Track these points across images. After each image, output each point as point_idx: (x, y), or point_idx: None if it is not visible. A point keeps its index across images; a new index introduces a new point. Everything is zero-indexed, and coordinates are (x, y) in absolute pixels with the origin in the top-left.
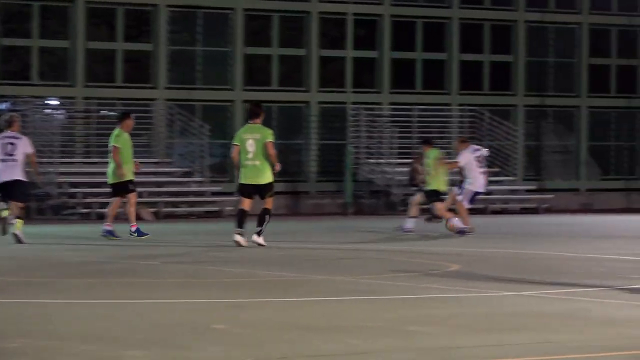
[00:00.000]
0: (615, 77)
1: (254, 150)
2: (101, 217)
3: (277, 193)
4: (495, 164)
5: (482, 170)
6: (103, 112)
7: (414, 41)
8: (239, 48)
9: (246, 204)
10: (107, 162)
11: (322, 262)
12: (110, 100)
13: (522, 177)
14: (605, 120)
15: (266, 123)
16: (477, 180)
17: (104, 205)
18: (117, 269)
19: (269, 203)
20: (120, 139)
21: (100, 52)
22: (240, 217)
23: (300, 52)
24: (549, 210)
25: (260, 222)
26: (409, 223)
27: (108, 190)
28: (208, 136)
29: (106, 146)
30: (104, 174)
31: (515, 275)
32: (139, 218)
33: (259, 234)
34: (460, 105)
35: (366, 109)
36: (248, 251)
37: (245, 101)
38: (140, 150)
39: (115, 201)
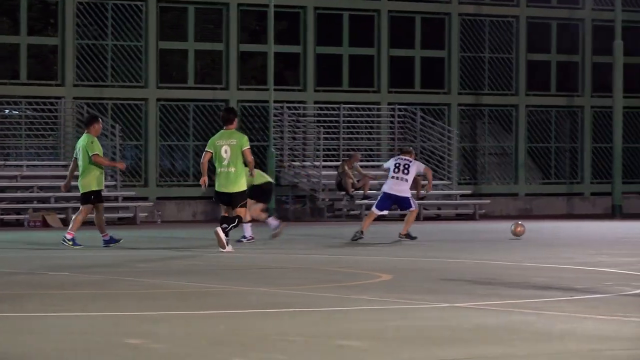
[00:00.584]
0: (555, 74)
1: (229, 157)
2: (7, 224)
3: (197, 198)
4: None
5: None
6: (6, 112)
7: (340, 35)
8: (152, 43)
9: (226, 212)
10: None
11: (244, 272)
12: (14, 99)
13: (457, 181)
14: (545, 120)
15: (181, 123)
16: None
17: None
18: (24, 280)
19: (240, 212)
20: (95, 145)
21: (2, 47)
22: (228, 219)
23: (219, 46)
24: (485, 216)
25: (229, 222)
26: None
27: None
28: (120, 137)
29: (9, 147)
30: (9, 178)
31: (450, 285)
32: (46, 225)
33: (224, 230)
34: (390, 104)
35: (290, 108)
36: (165, 261)
37: (159, 99)
38: (47, 152)
39: (85, 209)
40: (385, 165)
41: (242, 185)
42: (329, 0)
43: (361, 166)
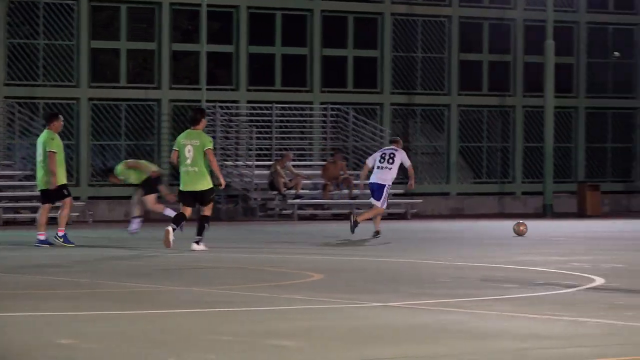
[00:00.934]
0: (487, 74)
1: (192, 157)
2: None
3: (128, 198)
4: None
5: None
6: None
7: (273, 35)
8: (84, 42)
9: (187, 211)
10: None
11: (177, 272)
12: None
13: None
14: (477, 120)
15: (113, 123)
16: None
17: None
18: None
19: (207, 210)
20: (55, 142)
21: None
22: (178, 218)
23: (151, 46)
24: (417, 216)
25: (200, 231)
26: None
27: None
28: None
29: None
30: None
31: (383, 285)
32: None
33: (197, 242)
34: (323, 103)
35: (222, 108)
36: (98, 261)
37: (91, 99)
38: None
39: (45, 208)
40: (368, 161)
41: (208, 183)
42: (261, 0)
43: (293, 165)
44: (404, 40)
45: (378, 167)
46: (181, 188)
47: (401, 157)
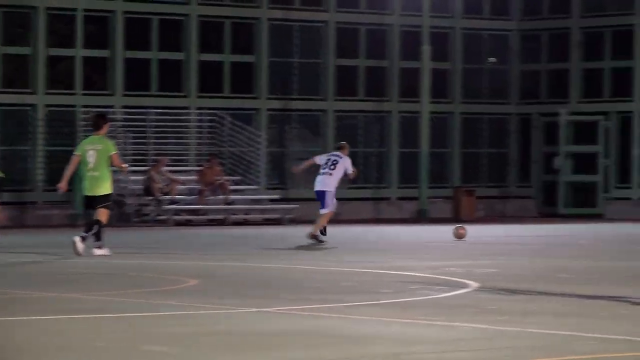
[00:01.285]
0: (363, 79)
1: (94, 161)
2: None
3: (5, 204)
4: (237, 172)
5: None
6: None
7: (149, 39)
8: None
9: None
10: None
11: (52, 278)
12: None
13: (265, 185)
14: (354, 125)
15: None
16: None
17: None
18: None
19: (101, 214)
20: None
21: None
22: (90, 224)
23: (26, 50)
24: (293, 221)
25: (98, 236)
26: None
27: None
28: None
29: None
30: None
31: (259, 290)
32: None
33: (99, 247)
34: (200, 108)
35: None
36: None
37: None
38: None
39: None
40: (316, 158)
41: (107, 189)
42: (138, 4)
43: (170, 171)
44: (281, 45)
45: (321, 172)
46: (84, 193)
47: (344, 164)
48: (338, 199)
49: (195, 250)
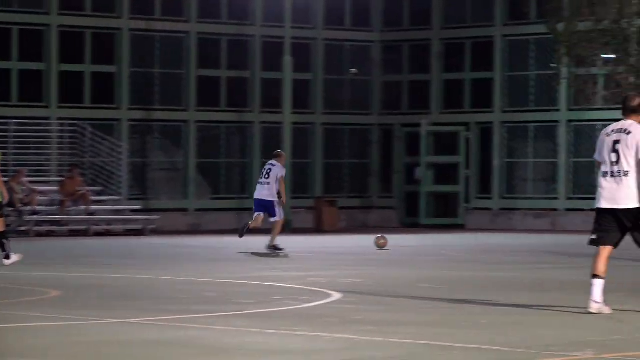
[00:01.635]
0: (225, 90)
1: None
2: None
3: None
4: (99, 182)
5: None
6: None
7: (9, 49)
8: None
9: None
10: None
11: None
12: None
13: (127, 196)
14: (216, 136)
15: None
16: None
17: None
18: None
19: None
20: None
21: None
22: None
23: None
24: (155, 232)
25: (2, 247)
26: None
27: None
28: None
29: None
30: None
31: (121, 301)
32: None
33: (7, 257)
34: (60, 119)
35: None
36: None
37: None
38: None
39: None
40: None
41: None
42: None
43: (31, 182)
44: (142, 55)
45: (259, 182)
46: None
47: (276, 172)
48: (200, 210)
49: (57, 261)
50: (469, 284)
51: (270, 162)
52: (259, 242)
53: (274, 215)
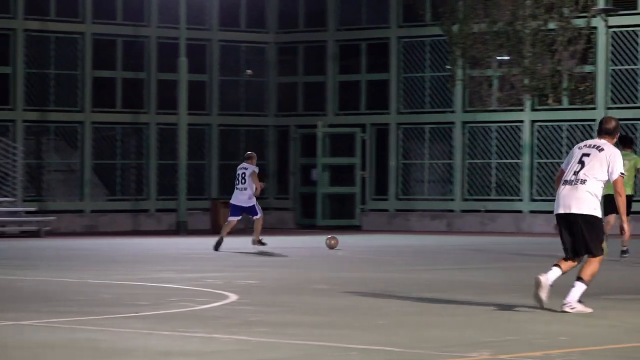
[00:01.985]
0: (121, 91)
1: None
2: None
3: None
4: None
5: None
6: None
7: None
8: None
9: None
10: None
11: None
12: None
13: (22, 197)
14: (112, 137)
15: None
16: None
17: None
18: None
19: None
20: None
21: None
22: None
23: None
24: (51, 233)
25: None
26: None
27: None
28: None
29: None
30: None
31: (14, 303)
32: None
33: None
34: None
35: None
36: None
37: None
38: None
39: None
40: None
41: None
42: None
43: None
44: (37, 56)
45: (236, 188)
46: None
47: (250, 174)
48: (96, 211)
49: None
50: (365, 285)
51: (243, 165)
52: (157, 244)
53: (255, 214)
